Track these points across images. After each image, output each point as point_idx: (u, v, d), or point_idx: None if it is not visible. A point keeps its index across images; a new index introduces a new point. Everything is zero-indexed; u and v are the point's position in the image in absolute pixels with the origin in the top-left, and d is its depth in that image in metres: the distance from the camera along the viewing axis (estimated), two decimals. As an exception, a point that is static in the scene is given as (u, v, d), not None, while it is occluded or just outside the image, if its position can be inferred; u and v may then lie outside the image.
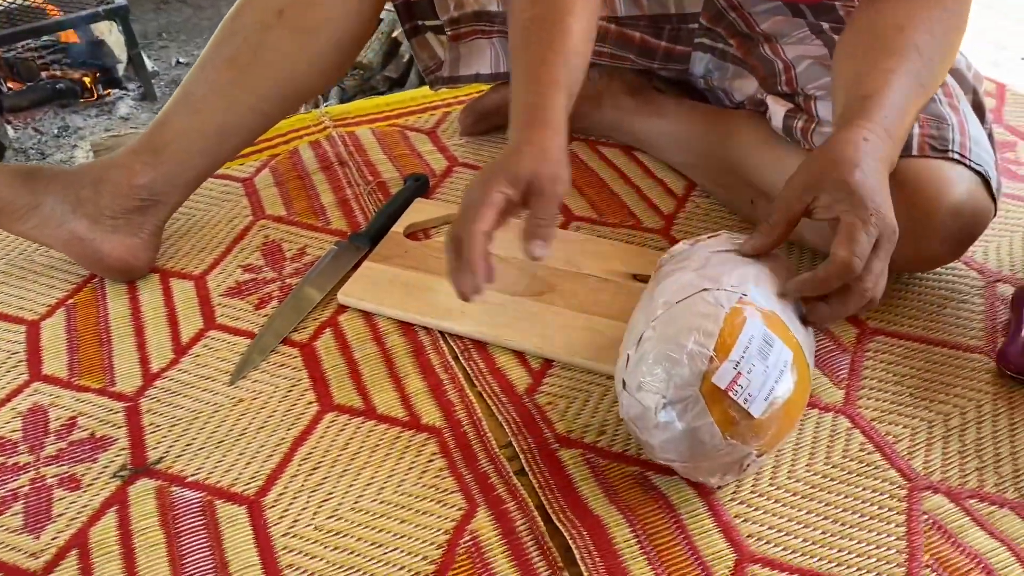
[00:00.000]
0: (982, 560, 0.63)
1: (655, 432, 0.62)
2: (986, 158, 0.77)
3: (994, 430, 0.72)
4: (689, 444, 0.61)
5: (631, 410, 0.63)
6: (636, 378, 0.63)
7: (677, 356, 0.61)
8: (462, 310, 0.82)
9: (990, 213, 0.78)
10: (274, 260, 0.92)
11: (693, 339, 0.61)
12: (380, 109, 1.16)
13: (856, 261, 0.63)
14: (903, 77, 0.71)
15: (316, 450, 0.72)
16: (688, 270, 0.67)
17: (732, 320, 0.62)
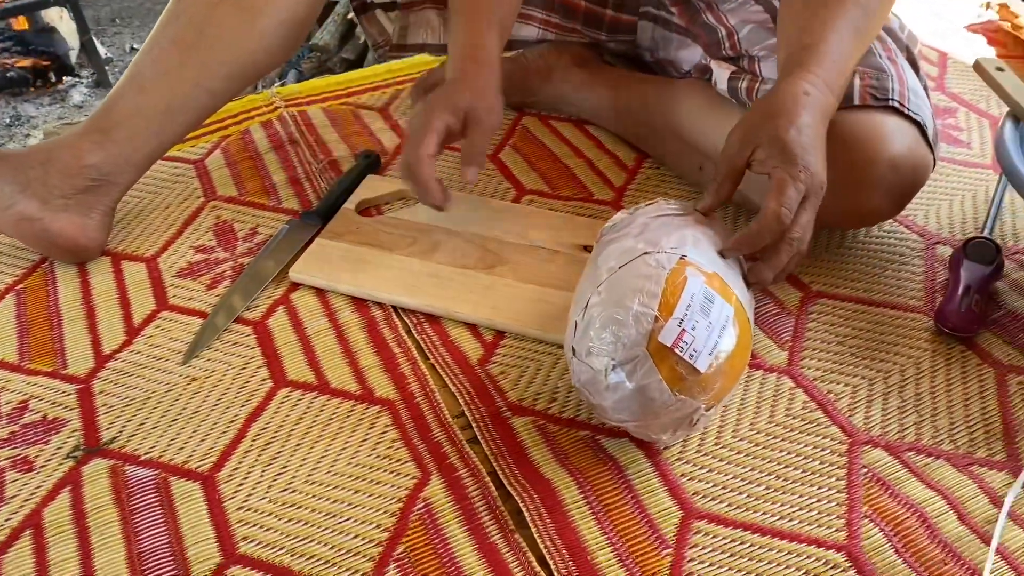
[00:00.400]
0: (918, 509, 0.65)
1: (606, 394, 0.63)
2: (924, 108, 0.80)
3: (932, 386, 0.74)
4: (640, 403, 0.63)
5: (582, 375, 0.65)
6: (585, 343, 0.64)
7: (623, 318, 0.62)
8: (413, 284, 0.83)
9: (930, 164, 0.80)
10: (226, 240, 0.92)
11: (637, 300, 0.62)
12: (331, 88, 1.16)
13: (785, 212, 0.66)
14: (843, 27, 0.73)
15: (270, 425, 0.73)
16: (628, 237, 0.69)
17: (674, 280, 0.63)
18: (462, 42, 0.84)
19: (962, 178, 0.98)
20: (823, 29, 0.73)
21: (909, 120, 0.77)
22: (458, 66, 0.83)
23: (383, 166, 1.01)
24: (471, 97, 0.80)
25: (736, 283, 0.68)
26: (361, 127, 1.08)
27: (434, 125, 0.79)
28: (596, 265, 0.69)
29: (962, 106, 1.10)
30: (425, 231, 0.89)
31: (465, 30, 0.85)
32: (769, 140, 0.68)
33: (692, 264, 0.65)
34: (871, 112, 0.76)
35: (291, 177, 1.00)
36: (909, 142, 0.76)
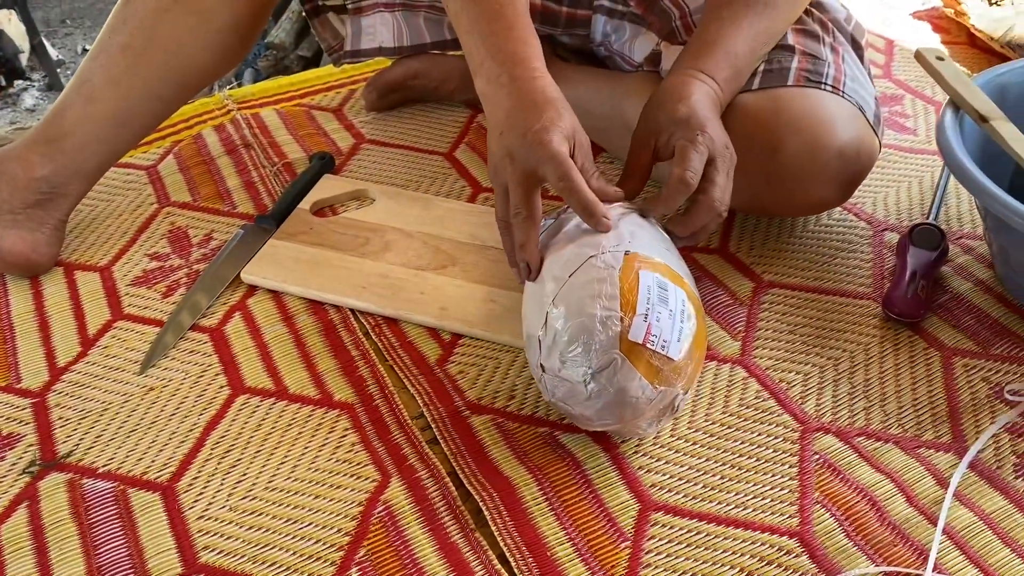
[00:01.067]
0: (868, 493, 0.66)
1: (588, 404, 0.63)
2: (861, 92, 0.81)
3: (880, 371, 0.76)
4: (624, 404, 0.63)
5: (558, 391, 0.65)
6: (555, 359, 0.64)
7: (590, 325, 0.62)
8: (363, 285, 0.83)
9: (876, 149, 0.82)
10: (181, 247, 0.91)
11: (599, 305, 0.63)
12: (284, 89, 1.15)
13: (689, 175, 0.68)
14: (744, 26, 0.77)
15: (229, 433, 0.73)
16: (565, 243, 0.68)
17: (627, 276, 0.64)
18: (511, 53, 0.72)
19: (909, 165, 1.00)
20: (721, 26, 0.77)
21: (852, 105, 0.79)
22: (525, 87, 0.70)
23: (339, 167, 1.01)
24: (571, 119, 0.69)
25: (679, 266, 0.69)
26: (315, 128, 1.08)
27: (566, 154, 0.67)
28: (540, 280, 0.68)
29: (908, 93, 1.12)
30: (378, 231, 0.89)
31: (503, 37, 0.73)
32: (668, 121, 0.72)
33: (638, 257, 0.66)
34: (813, 92, 0.78)
35: (245, 181, 1.00)
36: (856, 128, 0.78)
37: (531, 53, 0.73)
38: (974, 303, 0.82)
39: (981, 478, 0.67)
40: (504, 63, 0.72)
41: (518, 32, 0.73)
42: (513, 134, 0.68)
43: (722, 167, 0.71)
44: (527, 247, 0.69)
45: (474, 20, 0.75)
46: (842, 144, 0.77)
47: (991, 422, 0.71)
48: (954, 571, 0.61)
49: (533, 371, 0.67)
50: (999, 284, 0.83)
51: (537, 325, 0.66)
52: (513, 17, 0.74)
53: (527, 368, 0.77)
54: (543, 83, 0.71)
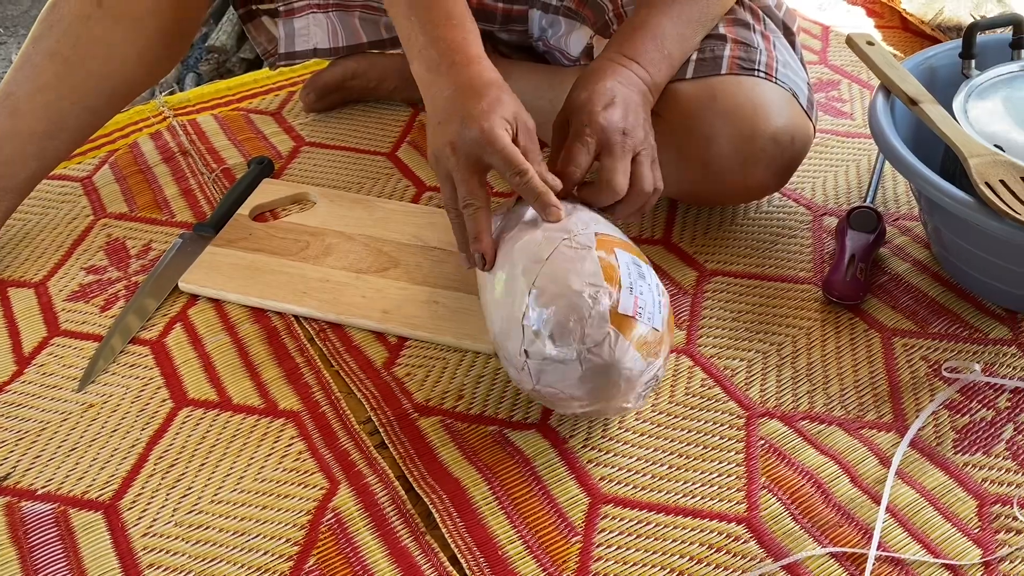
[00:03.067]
0: (813, 475, 0.67)
1: (581, 383, 0.62)
2: (794, 78, 0.82)
3: (823, 354, 0.77)
4: (619, 379, 0.62)
5: (545, 375, 0.63)
6: (542, 342, 0.62)
7: (578, 302, 0.61)
8: (304, 291, 0.82)
9: (810, 131, 0.83)
10: (119, 259, 0.89)
11: (585, 282, 0.62)
12: (222, 94, 1.13)
13: (571, 170, 0.70)
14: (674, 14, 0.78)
15: (172, 447, 0.71)
16: (528, 230, 0.67)
17: (603, 255, 0.64)
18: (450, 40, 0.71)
19: (846, 149, 1.01)
20: (650, 12, 0.78)
21: (785, 90, 0.80)
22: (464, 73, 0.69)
23: (279, 171, 1.00)
24: (513, 102, 0.69)
25: (630, 242, 0.70)
26: (254, 132, 1.06)
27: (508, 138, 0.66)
28: (507, 271, 0.67)
29: (844, 78, 1.14)
30: (318, 235, 0.88)
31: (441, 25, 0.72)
32: (569, 109, 0.73)
33: (609, 237, 0.66)
34: (746, 79, 0.79)
35: (184, 189, 0.98)
36: (789, 113, 0.79)
37: (470, 39, 0.73)
38: (912, 283, 0.83)
39: (922, 455, 0.69)
40: (443, 50, 0.71)
41: (457, 19, 0.73)
42: (454, 121, 0.67)
43: (619, 152, 0.70)
44: (481, 238, 0.68)
45: (412, 6, 0.74)
46: (776, 130, 0.78)
47: (930, 400, 0.72)
48: (898, 548, 0.63)
49: (510, 362, 0.65)
50: (935, 263, 0.85)
51: (517, 312, 0.63)
52: (452, 4, 0.74)
53: (475, 367, 0.76)
54: (482, 67, 0.71)
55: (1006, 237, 0.70)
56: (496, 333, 0.67)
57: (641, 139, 0.72)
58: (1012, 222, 0.68)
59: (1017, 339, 0.77)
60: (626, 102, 0.73)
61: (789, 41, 0.88)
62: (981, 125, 0.78)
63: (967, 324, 0.79)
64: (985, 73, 0.83)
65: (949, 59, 0.87)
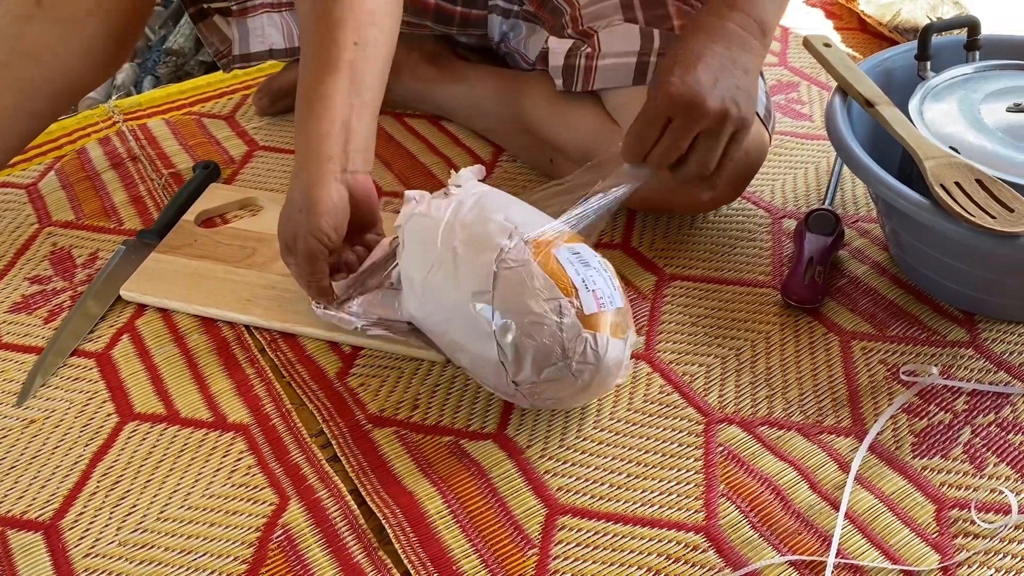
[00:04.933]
0: (772, 482, 0.67)
1: (578, 387, 0.65)
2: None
3: (782, 358, 0.76)
4: (609, 370, 0.65)
5: (542, 395, 0.66)
6: (527, 371, 0.64)
7: (547, 322, 0.63)
8: (249, 298, 0.80)
9: (766, 142, 0.82)
10: (64, 268, 0.86)
11: (542, 300, 0.63)
12: (174, 98, 1.11)
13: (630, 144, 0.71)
14: None
15: (117, 463, 0.69)
16: (452, 255, 0.66)
17: (544, 261, 0.65)
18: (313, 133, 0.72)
19: (805, 151, 1.01)
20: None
21: None
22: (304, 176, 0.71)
23: (232, 176, 0.97)
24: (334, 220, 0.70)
25: (555, 224, 0.69)
26: (206, 137, 1.04)
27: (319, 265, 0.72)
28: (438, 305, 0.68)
29: (803, 79, 1.14)
30: (265, 241, 0.86)
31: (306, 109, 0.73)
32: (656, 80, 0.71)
33: (535, 238, 0.66)
34: None
35: (132, 196, 0.95)
36: None
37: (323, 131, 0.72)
38: (870, 286, 0.83)
39: (881, 460, 0.68)
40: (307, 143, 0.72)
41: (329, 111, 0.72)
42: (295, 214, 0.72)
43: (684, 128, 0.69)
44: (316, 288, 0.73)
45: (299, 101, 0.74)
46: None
47: (889, 403, 0.72)
48: (857, 555, 0.62)
49: (498, 389, 0.68)
50: (893, 266, 0.85)
51: (488, 352, 0.65)
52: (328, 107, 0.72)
53: (430, 376, 0.75)
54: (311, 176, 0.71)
55: (961, 239, 0.70)
56: (474, 372, 0.69)
57: (719, 110, 0.69)
58: (967, 224, 0.67)
59: (974, 341, 0.77)
60: (719, 66, 0.70)
61: None
62: (936, 127, 0.78)
63: (925, 327, 0.79)
64: (940, 75, 0.83)
65: (905, 61, 0.87)
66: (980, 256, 0.73)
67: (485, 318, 0.64)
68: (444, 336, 0.69)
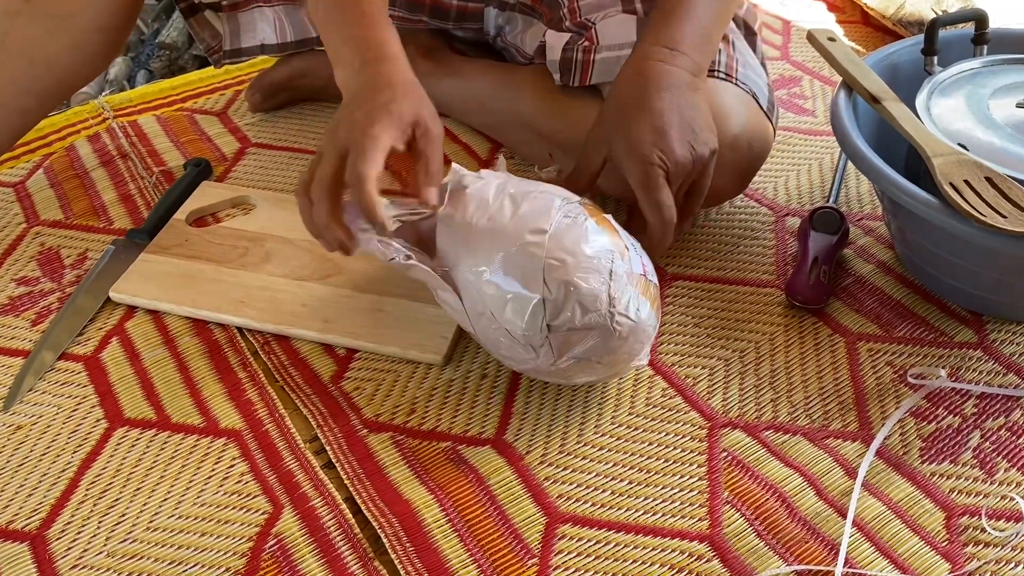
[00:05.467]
0: (777, 489, 0.65)
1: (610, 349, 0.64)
2: (755, 79, 0.80)
3: (786, 360, 0.75)
4: (643, 337, 0.65)
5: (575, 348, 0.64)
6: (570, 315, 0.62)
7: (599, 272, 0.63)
8: (242, 300, 0.78)
9: (770, 135, 0.81)
10: (52, 269, 0.85)
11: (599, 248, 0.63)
12: (165, 94, 1.09)
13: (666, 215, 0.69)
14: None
15: (106, 471, 0.67)
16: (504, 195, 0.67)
17: (598, 219, 0.66)
18: (362, 38, 0.69)
19: (808, 147, 0.99)
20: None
21: (746, 92, 0.77)
22: (372, 70, 0.67)
23: (223, 173, 0.95)
24: (414, 104, 0.65)
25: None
26: (198, 133, 1.02)
27: (383, 142, 0.62)
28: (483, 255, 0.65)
29: (806, 74, 1.12)
30: (257, 240, 0.84)
31: (355, 25, 0.70)
32: (621, 139, 0.69)
33: (586, 203, 0.68)
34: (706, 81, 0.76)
35: (123, 194, 0.93)
36: (744, 115, 0.76)
37: (384, 38, 0.70)
38: (876, 285, 0.81)
39: (888, 465, 0.67)
40: (358, 48, 0.69)
41: (371, 18, 0.71)
42: (347, 110, 0.66)
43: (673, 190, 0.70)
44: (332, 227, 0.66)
45: (329, 8, 0.72)
46: (734, 136, 0.75)
47: (896, 407, 0.70)
48: (865, 564, 0.60)
49: (526, 340, 0.64)
50: (899, 264, 0.83)
51: (531, 288, 0.63)
52: (367, 4, 0.71)
53: (427, 379, 0.73)
54: (392, 67, 0.68)
55: (970, 239, 0.68)
56: (499, 317, 0.64)
57: (708, 153, 0.70)
58: (976, 223, 0.66)
59: (982, 343, 0.76)
60: (683, 115, 0.69)
61: (750, 41, 0.85)
62: (944, 123, 0.76)
63: (932, 327, 0.77)
64: (948, 70, 0.81)
65: (911, 55, 0.85)
66: (990, 256, 0.72)
67: (535, 252, 0.63)
68: (477, 283, 0.65)
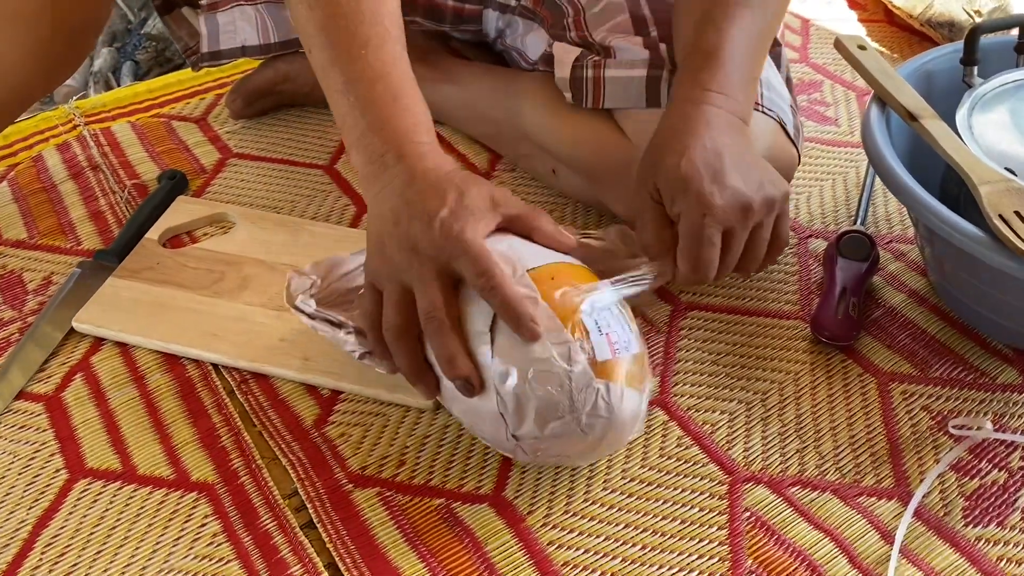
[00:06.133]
0: (806, 557, 0.59)
1: (588, 444, 0.57)
2: (779, 103, 0.73)
3: (813, 404, 0.68)
4: (624, 424, 0.57)
5: (546, 451, 0.58)
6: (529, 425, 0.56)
7: (555, 372, 0.55)
8: (215, 332, 0.71)
9: (794, 162, 0.76)
10: (13, 296, 0.78)
11: (549, 344, 0.55)
12: (141, 98, 1.01)
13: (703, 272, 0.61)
14: (741, 27, 0.66)
15: (64, 530, 0.61)
16: None
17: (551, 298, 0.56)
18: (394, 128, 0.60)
19: (831, 160, 0.92)
20: (719, 32, 0.65)
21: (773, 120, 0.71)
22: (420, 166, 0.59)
23: (201, 187, 0.88)
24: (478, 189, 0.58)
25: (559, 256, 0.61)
26: (175, 142, 0.95)
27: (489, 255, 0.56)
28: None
29: (827, 78, 1.05)
30: (235, 264, 0.77)
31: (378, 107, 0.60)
32: (667, 175, 0.60)
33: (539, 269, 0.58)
34: None
35: (92, 210, 0.86)
36: (768, 142, 0.70)
37: (420, 126, 0.61)
38: (909, 318, 0.75)
39: (928, 528, 0.60)
40: (390, 139, 0.60)
41: (405, 100, 0.61)
42: (416, 223, 0.56)
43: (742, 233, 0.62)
44: (456, 361, 0.55)
45: (350, 81, 0.61)
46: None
47: (935, 459, 0.64)
48: (905, 646, 0.54)
49: (497, 445, 0.60)
50: (933, 294, 0.77)
51: (487, 401, 0.56)
52: (400, 81, 0.61)
53: (419, 425, 0.67)
54: (437, 160, 0.60)
55: (1020, 275, 0.61)
56: (469, 422, 0.61)
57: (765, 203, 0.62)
58: (1029, 261, 0.59)
59: (1028, 384, 0.69)
60: (736, 159, 0.61)
61: (774, 54, 0.78)
62: (987, 141, 0.69)
63: (972, 367, 0.71)
64: (989, 81, 0.74)
65: (948, 64, 0.78)
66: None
67: (482, 363, 0.56)
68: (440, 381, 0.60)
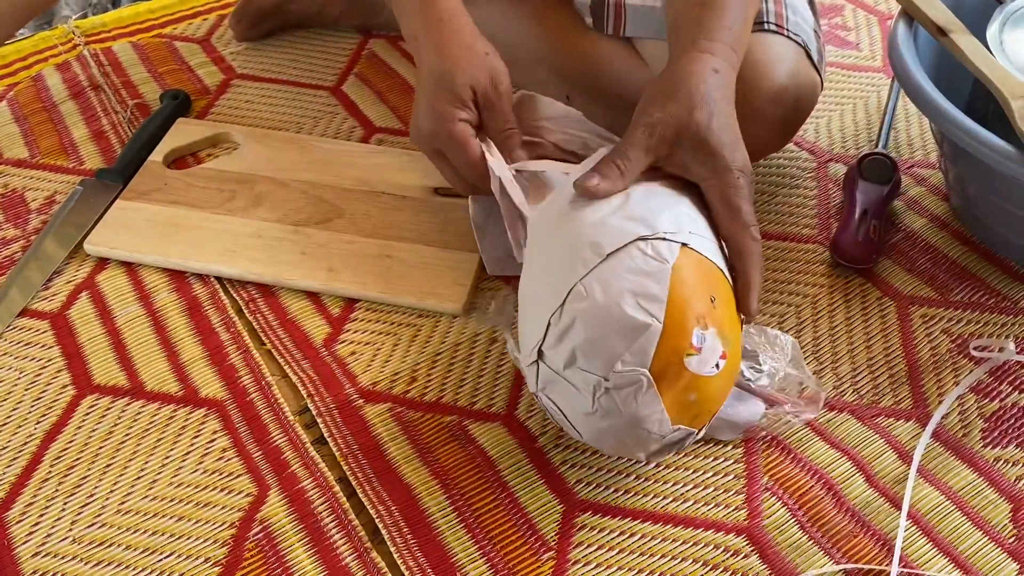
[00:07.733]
0: (823, 475, 0.58)
1: (588, 420, 0.52)
2: (804, 26, 0.71)
3: (831, 327, 0.67)
4: (631, 434, 0.51)
5: (551, 388, 0.53)
6: (561, 352, 0.51)
7: (620, 327, 0.50)
8: (232, 249, 0.70)
9: (817, 88, 0.73)
10: (16, 214, 0.76)
11: (639, 306, 0.50)
12: (143, 18, 0.99)
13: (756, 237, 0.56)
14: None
15: (72, 445, 0.60)
16: (600, 207, 0.54)
17: (679, 280, 0.51)
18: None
19: (852, 84, 0.90)
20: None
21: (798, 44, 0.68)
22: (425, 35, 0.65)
23: (206, 108, 0.86)
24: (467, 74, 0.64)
25: (722, 260, 0.55)
26: (178, 63, 0.92)
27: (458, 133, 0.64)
28: (575, 235, 0.54)
29: (849, 2, 1.02)
30: (246, 182, 0.75)
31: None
32: (692, 144, 0.56)
33: (696, 256, 0.53)
34: (756, 36, 0.66)
35: (94, 130, 0.85)
36: (791, 67, 0.67)
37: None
38: (930, 242, 0.73)
39: (946, 448, 0.60)
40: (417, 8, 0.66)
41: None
42: (421, 103, 0.66)
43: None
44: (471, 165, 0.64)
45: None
46: (782, 86, 0.67)
47: (954, 382, 0.63)
48: (921, 563, 0.54)
49: (526, 355, 0.54)
50: (955, 219, 0.75)
51: (548, 303, 0.52)
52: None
53: (430, 343, 0.66)
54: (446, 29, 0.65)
55: (1050, 194, 0.60)
56: (521, 313, 0.56)
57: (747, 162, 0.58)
58: (1061, 177, 0.57)
59: (1050, 308, 0.68)
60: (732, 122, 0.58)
61: None
62: (1019, 57, 0.67)
63: (993, 291, 0.69)
64: (1021, -2, 0.72)
65: (978, -20, 0.75)
66: (1068, 213, 0.63)
67: (576, 268, 0.52)
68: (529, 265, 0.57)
